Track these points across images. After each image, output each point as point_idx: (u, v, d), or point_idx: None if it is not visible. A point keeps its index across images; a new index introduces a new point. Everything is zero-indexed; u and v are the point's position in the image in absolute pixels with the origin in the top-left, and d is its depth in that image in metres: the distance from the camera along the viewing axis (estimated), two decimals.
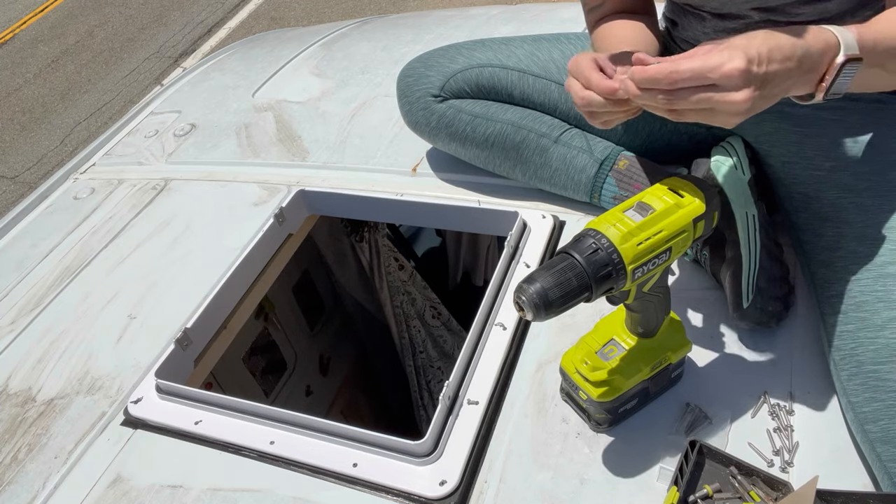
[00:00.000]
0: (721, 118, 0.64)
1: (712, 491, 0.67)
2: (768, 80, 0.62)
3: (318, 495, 0.78)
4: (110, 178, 1.38)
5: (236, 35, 4.47)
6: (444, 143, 1.11)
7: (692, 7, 0.91)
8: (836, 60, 0.65)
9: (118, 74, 4.42)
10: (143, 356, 0.99)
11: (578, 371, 0.75)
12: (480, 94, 1.06)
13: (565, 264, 0.64)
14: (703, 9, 0.90)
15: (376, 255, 1.64)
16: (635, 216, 0.66)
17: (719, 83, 0.61)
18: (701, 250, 0.89)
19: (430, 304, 1.66)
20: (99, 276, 1.15)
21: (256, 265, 1.12)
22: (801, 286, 0.87)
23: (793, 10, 0.82)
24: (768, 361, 0.81)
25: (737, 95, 0.61)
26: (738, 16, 0.86)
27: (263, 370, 1.61)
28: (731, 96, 0.61)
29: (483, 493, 0.75)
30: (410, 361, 1.71)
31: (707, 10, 0.89)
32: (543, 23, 1.46)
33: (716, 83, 0.61)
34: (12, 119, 4.25)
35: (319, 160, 1.27)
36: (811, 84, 0.66)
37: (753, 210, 0.85)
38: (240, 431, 0.85)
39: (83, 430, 0.92)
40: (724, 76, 0.61)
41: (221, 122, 1.45)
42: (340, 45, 1.62)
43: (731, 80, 0.61)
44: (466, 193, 1.12)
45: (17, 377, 1.02)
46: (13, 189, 3.64)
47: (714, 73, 0.61)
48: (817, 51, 0.64)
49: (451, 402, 0.82)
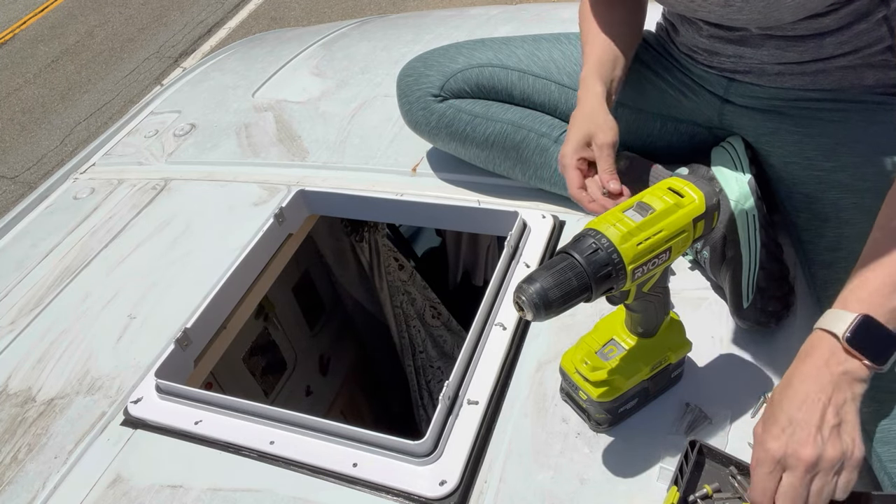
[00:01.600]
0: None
1: (712, 491, 0.67)
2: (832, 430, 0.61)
3: (318, 495, 0.78)
4: (110, 178, 1.38)
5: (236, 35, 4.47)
6: (444, 143, 1.11)
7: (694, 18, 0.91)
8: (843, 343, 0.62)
9: (118, 74, 4.41)
10: (143, 356, 0.99)
11: (578, 371, 0.75)
12: (480, 94, 1.06)
13: (565, 264, 0.64)
14: (701, 20, 0.90)
15: (376, 255, 1.64)
16: (635, 216, 0.66)
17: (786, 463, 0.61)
18: (701, 250, 0.89)
19: (430, 304, 1.66)
20: (99, 276, 1.15)
21: (256, 265, 1.12)
22: (801, 286, 0.87)
23: (789, 25, 0.82)
24: (768, 361, 0.81)
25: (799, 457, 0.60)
26: (736, 28, 0.86)
27: (263, 370, 1.60)
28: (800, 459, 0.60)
29: (483, 493, 0.75)
30: (410, 361, 1.71)
31: (704, 21, 0.89)
32: (543, 23, 1.46)
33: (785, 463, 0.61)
34: (12, 119, 4.25)
35: (319, 160, 1.27)
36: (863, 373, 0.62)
37: (753, 210, 0.85)
38: (240, 431, 0.85)
39: (83, 430, 0.92)
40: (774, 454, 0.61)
41: (221, 122, 1.45)
42: (340, 45, 1.62)
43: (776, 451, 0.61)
44: (466, 193, 1.12)
45: (17, 377, 1.02)
46: (13, 189, 3.64)
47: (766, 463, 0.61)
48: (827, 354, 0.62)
49: (451, 402, 0.82)
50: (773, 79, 0.89)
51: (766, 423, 0.63)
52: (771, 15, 0.79)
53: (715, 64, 0.93)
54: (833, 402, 0.61)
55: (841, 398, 0.61)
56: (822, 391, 0.61)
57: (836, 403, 0.61)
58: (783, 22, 0.80)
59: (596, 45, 0.93)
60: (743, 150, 0.91)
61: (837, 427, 0.60)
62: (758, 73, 0.90)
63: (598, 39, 0.93)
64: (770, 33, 0.84)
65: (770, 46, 0.85)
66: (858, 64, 0.84)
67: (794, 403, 0.61)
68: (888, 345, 0.62)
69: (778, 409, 0.63)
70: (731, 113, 0.95)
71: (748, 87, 0.92)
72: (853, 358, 0.62)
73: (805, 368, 0.63)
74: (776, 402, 0.63)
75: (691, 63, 0.96)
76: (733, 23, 0.84)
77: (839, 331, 0.62)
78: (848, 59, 0.84)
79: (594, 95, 0.88)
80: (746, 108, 0.93)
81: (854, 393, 0.62)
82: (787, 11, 0.78)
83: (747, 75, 0.91)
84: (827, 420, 0.60)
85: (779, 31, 0.83)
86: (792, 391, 0.62)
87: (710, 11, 0.83)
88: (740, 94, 0.93)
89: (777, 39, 0.84)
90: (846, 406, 0.61)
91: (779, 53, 0.85)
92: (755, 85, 0.91)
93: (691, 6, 0.84)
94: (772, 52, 0.86)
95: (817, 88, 0.87)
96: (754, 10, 0.79)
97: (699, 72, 0.96)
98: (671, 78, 0.99)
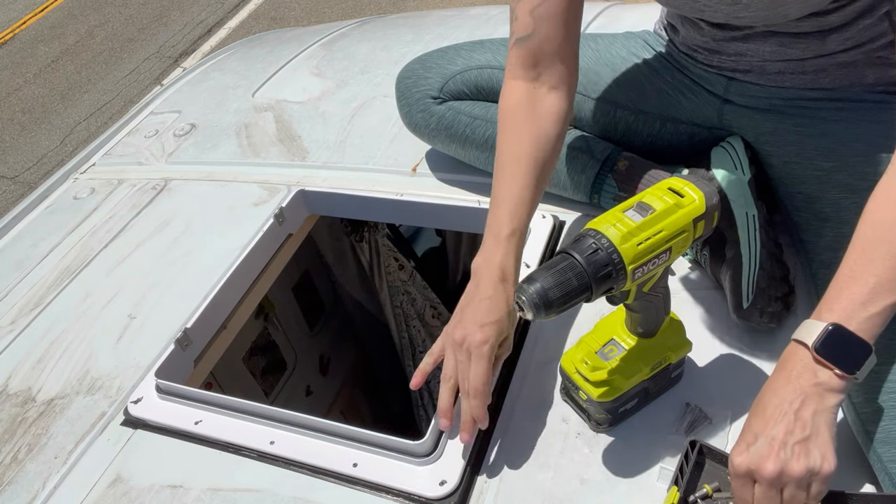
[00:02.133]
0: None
1: (711, 490, 0.67)
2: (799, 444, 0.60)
3: (318, 495, 0.78)
4: (110, 178, 1.38)
5: (236, 35, 4.47)
6: (444, 145, 1.11)
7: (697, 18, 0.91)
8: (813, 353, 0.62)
9: (118, 74, 4.41)
10: (143, 356, 0.99)
11: (578, 371, 0.75)
12: (479, 96, 1.06)
13: (565, 264, 0.64)
14: (703, 19, 0.89)
15: (376, 255, 1.64)
16: (635, 216, 0.66)
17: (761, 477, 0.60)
18: (701, 250, 0.89)
19: (430, 304, 1.66)
20: (99, 276, 1.15)
21: (256, 265, 1.12)
22: (801, 286, 0.87)
23: (793, 23, 0.82)
24: (768, 361, 0.81)
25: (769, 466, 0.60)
26: (739, 27, 0.86)
27: (263, 370, 1.60)
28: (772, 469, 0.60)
29: (483, 493, 0.75)
30: (410, 361, 1.71)
31: (707, 20, 0.89)
32: None
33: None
34: (12, 119, 4.25)
35: (319, 160, 1.27)
36: (835, 383, 0.62)
37: (753, 210, 0.85)
38: (240, 431, 0.85)
39: (83, 430, 0.92)
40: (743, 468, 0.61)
41: (221, 122, 1.45)
42: (340, 45, 1.62)
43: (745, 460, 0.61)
44: (466, 193, 1.12)
45: (17, 377, 1.02)
46: (13, 189, 3.64)
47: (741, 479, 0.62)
48: (797, 364, 0.63)
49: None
50: (774, 77, 0.89)
51: (739, 437, 0.63)
52: (777, 11, 0.79)
53: (715, 63, 0.93)
54: (801, 415, 0.60)
55: (810, 410, 0.61)
56: (790, 404, 0.61)
57: (804, 417, 0.60)
58: (789, 18, 0.80)
59: (514, 187, 0.82)
60: (743, 150, 0.91)
61: (805, 441, 0.60)
62: (758, 72, 0.90)
63: (517, 181, 0.82)
64: (774, 30, 0.84)
65: (773, 44, 0.85)
66: (859, 60, 0.84)
67: (762, 418, 0.62)
68: (860, 354, 0.61)
69: (747, 422, 0.63)
70: (731, 113, 0.95)
71: (748, 86, 0.92)
72: (825, 368, 0.61)
73: (776, 381, 0.63)
74: (749, 416, 0.64)
75: (691, 63, 0.96)
76: (740, 21, 0.84)
77: (809, 341, 0.62)
78: (849, 55, 0.83)
79: (500, 280, 0.76)
80: (746, 107, 0.93)
81: (826, 405, 0.61)
82: (794, 7, 0.78)
83: (747, 74, 0.91)
84: (793, 434, 0.60)
85: (783, 27, 0.83)
86: (761, 405, 0.63)
87: (717, 10, 0.83)
88: (740, 94, 0.93)
89: (780, 36, 0.84)
90: (817, 418, 0.60)
91: (781, 51, 0.85)
92: (755, 84, 0.91)
93: (696, 6, 0.84)
94: (774, 49, 0.86)
95: (817, 87, 0.87)
96: (761, 6, 0.79)
97: (699, 71, 0.96)
98: (671, 78, 0.99)
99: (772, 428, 0.61)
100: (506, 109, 0.87)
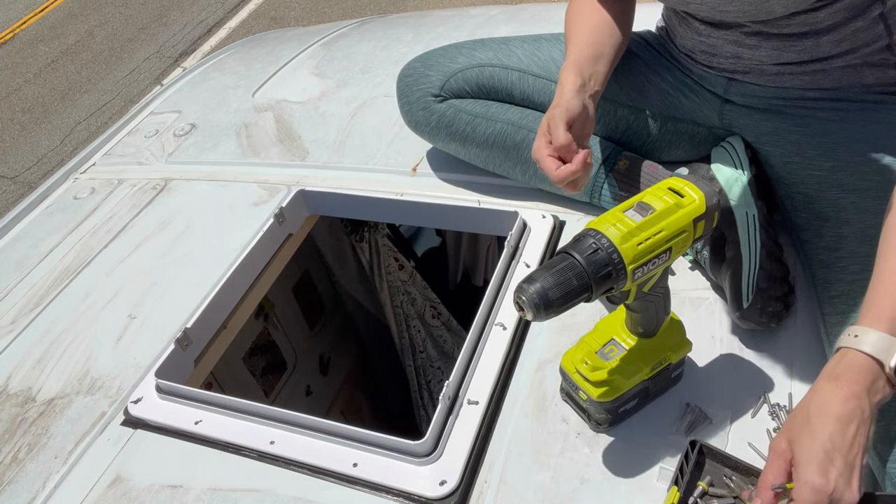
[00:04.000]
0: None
1: (706, 486, 0.67)
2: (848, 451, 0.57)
3: (318, 495, 0.78)
4: (110, 178, 1.38)
5: (236, 35, 4.47)
6: (444, 143, 1.11)
7: (686, 14, 0.91)
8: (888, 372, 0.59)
9: (118, 74, 4.41)
10: (143, 356, 0.99)
11: (578, 371, 0.75)
12: (480, 94, 1.06)
13: (565, 264, 0.64)
14: (696, 17, 0.89)
15: (376, 255, 1.64)
16: (635, 216, 0.66)
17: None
18: (701, 250, 0.89)
19: (430, 304, 1.66)
20: (99, 276, 1.15)
21: (256, 265, 1.12)
22: (801, 286, 0.87)
23: (783, 22, 0.82)
24: (768, 361, 0.81)
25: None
26: (731, 24, 0.86)
27: (263, 370, 1.60)
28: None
29: (483, 493, 0.75)
30: (410, 361, 1.71)
31: (699, 18, 0.89)
32: (543, 22, 1.46)
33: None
34: (12, 119, 4.25)
35: (319, 160, 1.27)
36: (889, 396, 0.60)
37: (753, 210, 0.85)
38: (240, 431, 0.85)
39: (83, 430, 0.92)
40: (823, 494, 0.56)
41: (221, 122, 1.45)
42: (340, 45, 1.62)
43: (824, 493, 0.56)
44: (466, 193, 1.12)
45: (17, 377, 1.02)
46: (13, 189, 3.64)
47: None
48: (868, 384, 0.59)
49: (451, 402, 0.82)
50: (773, 78, 0.89)
51: (804, 451, 0.57)
52: (762, 6, 0.79)
53: (714, 64, 0.93)
54: (860, 435, 0.57)
55: (867, 431, 0.58)
56: (863, 424, 0.57)
57: (861, 438, 0.58)
58: (775, 15, 0.80)
59: (577, 43, 0.92)
60: (743, 149, 0.91)
61: (854, 468, 0.57)
62: (757, 73, 0.90)
63: (579, 39, 0.93)
64: (765, 30, 0.84)
65: (767, 47, 0.85)
66: (857, 63, 0.84)
67: (842, 438, 0.57)
68: None
69: (816, 436, 0.57)
70: (731, 112, 0.95)
71: (748, 86, 0.92)
72: (892, 388, 0.59)
73: (842, 394, 0.58)
74: (813, 428, 0.57)
75: (691, 63, 0.96)
76: (725, 16, 0.84)
77: (888, 360, 0.58)
78: (846, 59, 0.84)
79: (563, 85, 0.87)
80: (746, 107, 0.93)
81: (870, 425, 0.59)
82: (778, 3, 0.78)
83: (747, 75, 0.91)
84: (858, 457, 0.57)
85: (774, 27, 0.83)
86: (832, 419, 0.57)
87: (703, 3, 0.83)
88: (740, 94, 0.93)
89: (774, 39, 0.84)
90: (862, 439, 0.58)
91: (776, 54, 0.85)
92: (755, 84, 0.91)
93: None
94: (769, 52, 0.86)
95: (817, 88, 0.87)
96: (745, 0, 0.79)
97: (699, 71, 0.96)
98: (671, 78, 0.99)
99: (848, 451, 0.57)
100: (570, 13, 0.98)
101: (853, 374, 0.59)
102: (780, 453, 0.59)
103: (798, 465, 0.57)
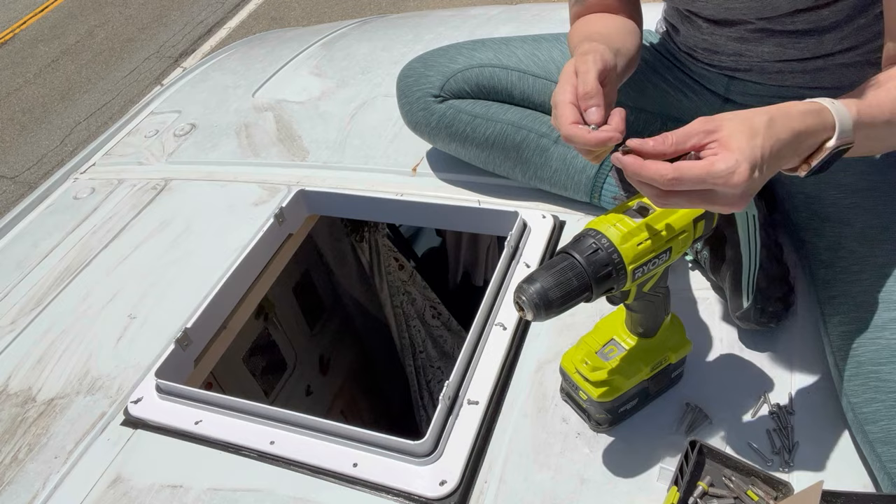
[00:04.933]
0: (717, 209, 0.61)
1: (706, 486, 0.67)
2: (767, 173, 0.60)
3: (318, 495, 0.78)
4: (110, 178, 1.38)
5: (236, 35, 4.47)
6: (444, 144, 1.11)
7: (690, 12, 0.91)
8: (827, 144, 0.62)
9: (118, 74, 4.41)
10: (143, 356, 0.99)
11: (578, 371, 0.75)
12: (480, 95, 1.06)
13: (565, 264, 0.64)
14: (700, 15, 0.89)
15: (376, 255, 1.64)
16: (635, 216, 0.66)
17: (721, 190, 0.58)
18: (701, 250, 0.89)
19: (430, 304, 1.66)
20: (99, 276, 1.15)
21: (256, 265, 1.12)
22: (801, 286, 0.87)
23: (787, 19, 0.82)
24: (768, 361, 0.81)
25: (736, 194, 0.58)
26: (735, 21, 0.86)
27: (263, 370, 1.60)
28: (730, 197, 0.58)
29: (483, 493, 0.75)
30: (410, 361, 1.71)
31: (704, 16, 0.89)
32: (543, 23, 1.46)
33: (716, 188, 0.58)
34: (12, 119, 4.25)
35: (319, 160, 1.27)
36: (798, 161, 0.64)
37: (753, 210, 0.85)
38: (240, 431, 0.85)
39: (83, 430, 0.92)
40: (730, 185, 0.57)
41: (221, 122, 1.45)
42: (340, 45, 1.62)
43: (735, 188, 0.57)
44: (466, 193, 1.12)
45: (17, 377, 1.02)
46: (13, 189, 3.64)
47: (718, 181, 0.57)
48: (815, 139, 0.62)
49: (451, 402, 0.82)
50: (774, 76, 0.89)
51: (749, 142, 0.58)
52: (767, 2, 0.79)
53: (715, 62, 0.93)
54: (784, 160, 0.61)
55: (785, 164, 0.62)
56: (795, 153, 0.61)
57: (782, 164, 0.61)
58: (780, 11, 0.80)
59: (591, 41, 0.87)
60: None
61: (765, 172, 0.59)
62: (758, 71, 0.90)
63: (594, 39, 0.86)
64: (770, 27, 0.84)
65: (770, 44, 0.85)
66: (859, 61, 0.84)
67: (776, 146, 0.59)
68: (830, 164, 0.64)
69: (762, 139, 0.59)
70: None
71: (749, 84, 0.92)
72: (817, 154, 0.62)
73: (806, 121, 0.61)
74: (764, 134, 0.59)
75: (692, 62, 0.96)
76: (731, 14, 0.84)
77: (832, 138, 0.62)
78: (849, 56, 0.84)
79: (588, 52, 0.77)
80: (747, 106, 0.93)
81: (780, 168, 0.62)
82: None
83: (748, 73, 0.91)
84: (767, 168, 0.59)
85: (778, 24, 0.83)
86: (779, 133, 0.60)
87: (708, 1, 0.83)
88: (741, 93, 0.93)
89: (777, 36, 0.84)
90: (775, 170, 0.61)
91: (779, 51, 0.85)
92: (756, 83, 0.91)
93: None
94: (772, 49, 0.86)
95: (818, 87, 0.87)
96: None
97: (700, 70, 0.96)
98: (672, 77, 0.99)
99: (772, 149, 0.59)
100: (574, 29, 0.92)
101: (809, 119, 0.62)
102: (705, 122, 0.60)
103: (729, 145, 0.58)
